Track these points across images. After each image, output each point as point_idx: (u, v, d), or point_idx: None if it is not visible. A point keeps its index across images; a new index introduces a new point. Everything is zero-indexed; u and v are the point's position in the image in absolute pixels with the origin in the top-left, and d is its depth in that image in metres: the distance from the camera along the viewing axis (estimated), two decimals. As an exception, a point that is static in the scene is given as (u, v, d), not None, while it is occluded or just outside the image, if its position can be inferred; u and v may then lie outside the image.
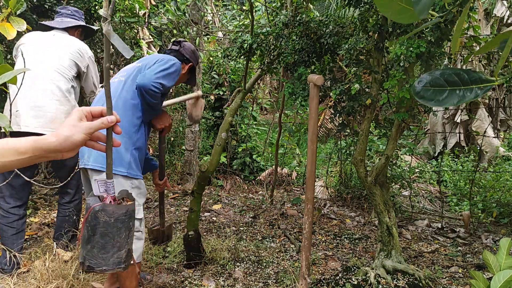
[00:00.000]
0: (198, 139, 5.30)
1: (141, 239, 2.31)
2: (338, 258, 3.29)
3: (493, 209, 4.34)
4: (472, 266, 3.17)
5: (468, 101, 0.84)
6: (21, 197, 2.85)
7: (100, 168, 2.19)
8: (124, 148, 2.22)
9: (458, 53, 3.93)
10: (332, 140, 7.57)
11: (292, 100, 2.86)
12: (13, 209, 2.81)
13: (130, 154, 2.23)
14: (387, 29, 2.45)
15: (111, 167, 1.07)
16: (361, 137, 2.82)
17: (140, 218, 2.28)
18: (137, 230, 2.26)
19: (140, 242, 2.31)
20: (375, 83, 2.70)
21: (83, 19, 3.22)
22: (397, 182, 4.61)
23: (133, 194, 2.20)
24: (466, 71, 0.84)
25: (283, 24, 2.94)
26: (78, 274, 2.68)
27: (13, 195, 2.82)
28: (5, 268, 2.76)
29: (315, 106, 2.33)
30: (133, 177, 2.24)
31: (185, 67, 2.60)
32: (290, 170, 6.02)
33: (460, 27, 0.87)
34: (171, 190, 2.73)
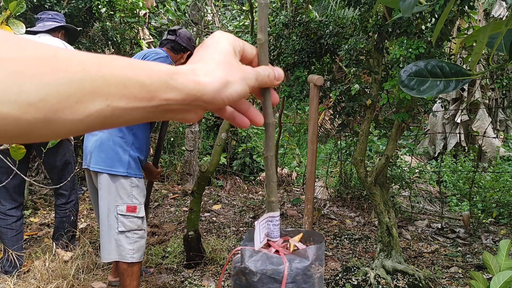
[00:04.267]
0: (198, 139, 5.30)
1: (143, 238, 2.32)
2: (338, 258, 3.29)
3: (493, 209, 4.34)
4: (472, 267, 3.17)
5: (447, 92, 0.86)
6: (16, 198, 2.85)
7: (99, 170, 2.21)
8: (121, 149, 2.23)
9: (458, 53, 3.93)
10: (332, 140, 7.58)
11: (289, 103, 2.86)
12: (11, 210, 2.81)
13: (128, 155, 2.24)
14: (386, 29, 2.45)
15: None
16: (361, 138, 2.83)
17: (142, 217, 2.30)
18: (140, 228, 2.28)
19: (143, 240, 2.32)
20: (375, 84, 2.70)
21: (64, 21, 3.25)
22: (397, 182, 4.61)
23: (133, 193, 2.24)
24: (448, 64, 0.85)
25: (283, 24, 2.95)
26: (78, 274, 2.68)
27: (8, 197, 2.81)
28: (8, 270, 2.76)
29: (315, 106, 2.33)
30: (133, 176, 2.25)
31: (184, 56, 2.58)
32: (290, 170, 6.02)
33: (444, 18, 0.88)
34: (158, 173, 2.70)
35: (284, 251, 0.58)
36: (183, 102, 0.43)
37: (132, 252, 2.24)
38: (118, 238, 2.22)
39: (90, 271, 2.80)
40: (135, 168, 2.26)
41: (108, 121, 0.39)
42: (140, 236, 2.28)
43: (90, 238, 3.31)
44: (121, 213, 2.21)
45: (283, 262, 0.53)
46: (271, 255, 0.55)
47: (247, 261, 0.54)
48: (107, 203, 2.22)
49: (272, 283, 0.53)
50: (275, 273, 0.53)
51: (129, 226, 2.23)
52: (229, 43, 0.49)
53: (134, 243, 2.25)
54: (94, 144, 2.24)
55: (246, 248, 0.55)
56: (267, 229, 0.58)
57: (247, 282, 0.54)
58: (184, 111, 0.45)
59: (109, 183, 2.20)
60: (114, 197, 2.21)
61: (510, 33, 0.88)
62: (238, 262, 0.56)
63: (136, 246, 2.26)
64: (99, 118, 0.38)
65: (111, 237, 2.22)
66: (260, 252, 0.55)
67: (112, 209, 2.21)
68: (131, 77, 0.39)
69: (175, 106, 0.43)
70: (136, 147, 2.28)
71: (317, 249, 0.58)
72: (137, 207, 2.26)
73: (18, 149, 1.27)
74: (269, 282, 0.53)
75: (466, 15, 2.38)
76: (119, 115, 0.39)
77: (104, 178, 2.21)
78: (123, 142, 2.23)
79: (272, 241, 0.58)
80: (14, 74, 0.32)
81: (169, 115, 0.45)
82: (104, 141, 2.21)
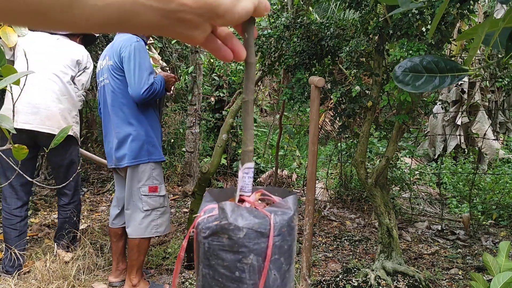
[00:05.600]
0: (198, 140, 5.30)
1: (166, 213, 2.60)
2: (339, 260, 3.30)
3: (493, 211, 4.35)
4: (472, 268, 3.18)
5: (442, 87, 0.86)
6: (21, 197, 2.85)
7: (125, 165, 2.48)
8: (138, 141, 2.46)
9: (459, 55, 3.94)
10: (332, 142, 7.59)
11: (291, 105, 2.88)
12: (15, 210, 2.81)
13: (145, 143, 2.47)
14: (387, 31, 2.46)
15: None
16: (361, 139, 2.83)
17: (163, 195, 2.57)
18: (162, 206, 2.55)
19: (166, 215, 2.59)
20: (376, 85, 2.71)
21: None
22: (397, 184, 4.62)
23: (153, 175, 2.49)
24: (444, 60, 0.86)
25: (284, 26, 2.96)
26: (79, 275, 2.69)
27: (13, 196, 2.82)
28: (9, 269, 2.76)
29: (316, 108, 2.34)
30: (153, 161, 2.50)
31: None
32: (290, 172, 6.03)
33: (440, 14, 0.88)
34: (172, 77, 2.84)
35: (260, 205, 0.54)
36: (198, 11, 0.43)
37: (157, 227, 2.53)
38: (143, 216, 2.48)
39: (90, 272, 2.81)
40: (153, 153, 2.49)
41: (125, 17, 0.39)
42: (162, 213, 2.55)
43: (91, 239, 3.31)
44: (144, 193, 2.48)
45: (267, 215, 0.50)
46: (253, 209, 0.51)
47: (230, 216, 0.48)
48: (131, 187, 2.50)
49: (259, 237, 0.49)
50: (261, 226, 0.49)
51: (153, 205, 2.51)
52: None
53: (158, 219, 2.53)
54: (114, 145, 2.49)
55: (226, 202, 0.50)
56: (242, 182, 0.53)
57: (230, 240, 0.48)
58: (194, 24, 0.45)
59: (133, 171, 2.48)
60: (138, 181, 2.48)
61: (505, 30, 0.89)
62: (210, 222, 0.50)
63: (159, 221, 2.54)
64: (119, 10, 0.38)
65: (137, 216, 2.49)
66: (241, 206, 0.51)
67: (135, 191, 2.49)
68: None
69: (189, 16, 0.43)
70: (150, 134, 2.49)
71: (295, 199, 0.56)
72: (158, 187, 2.53)
73: (20, 149, 1.27)
74: (256, 237, 0.49)
75: (466, 18, 2.39)
76: (137, 11, 0.39)
77: (129, 170, 2.49)
78: (136, 134, 2.45)
79: (245, 195, 0.53)
80: None
81: (180, 27, 0.44)
82: (124, 139, 2.45)
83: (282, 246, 0.51)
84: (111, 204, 2.83)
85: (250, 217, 0.49)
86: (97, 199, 4.80)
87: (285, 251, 0.51)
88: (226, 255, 0.49)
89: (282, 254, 0.51)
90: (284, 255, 0.51)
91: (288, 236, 0.52)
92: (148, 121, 2.49)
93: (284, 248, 0.51)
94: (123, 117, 2.44)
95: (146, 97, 2.35)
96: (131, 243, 2.51)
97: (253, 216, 0.50)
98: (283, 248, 0.51)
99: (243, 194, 0.53)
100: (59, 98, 2.84)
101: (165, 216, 2.58)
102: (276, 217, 0.50)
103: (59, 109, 2.82)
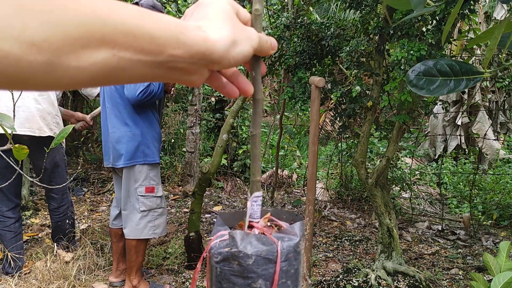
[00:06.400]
0: (198, 140, 5.31)
1: (163, 215, 2.58)
2: (339, 260, 3.29)
3: (493, 211, 4.34)
4: (472, 268, 3.18)
5: (458, 91, 0.86)
6: (13, 199, 2.83)
7: (120, 165, 2.46)
8: (134, 142, 2.45)
9: (459, 55, 3.94)
10: (333, 142, 7.59)
11: (292, 104, 2.88)
12: (8, 212, 2.80)
13: (140, 145, 2.46)
14: (388, 31, 2.46)
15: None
16: (362, 139, 2.83)
17: (160, 196, 2.56)
18: (159, 207, 2.54)
19: (163, 217, 2.57)
20: (376, 85, 2.71)
21: None
22: (397, 184, 4.61)
23: (150, 175, 2.47)
24: (458, 62, 0.85)
25: (285, 26, 2.96)
26: (79, 275, 2.69)
27: (5, 199, 2.80)
28: (8, 271, 2.76)
29: (317, 108, 2.34)
30: (149, 162, 2.50)
31: None
32: (290, 172, 6.03)
33: (452, 18, 0.88)
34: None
35: (268, 230, 0.57)
36: (190, 60, 0.41)
37: (154, 229, 2.51)
38: (140, 217, 2.47)
39: (91, 272, 2.81)
40: (147, 154, 2.48)
41: (112, 74, 0.37)
42: (160, 214, 2.54)
43: (91, 239, 3.31)
44: (141, 194, 2.47)
45: (274, 242, 0.53)
46: (261, 236, 0.54)
47: (240, 244, 0.52)
48: (128, 187, 2.49)
49: (267, 263, 0.52)
50: (269, 253, 0.52)
51: (149, 206, 2.49)
52: (228, 3, 0.47)
53: (155, 220, 2.52)
54: (111, 144, 2.49)
55: (236, 231, 0.53)
56: (251, 210, 0.56)
57: (240, 267, 0.52)
58: (190, 71, 0.43)
59: (129, 172, 2.48)
60: (134, 181, 2.48)
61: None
62: (222, 248, 0.53)
63: (157, 223, 2.52)
64: (104, 68, 0.36)
65: (134, 217, 2.48)
66: (250, 233, 0.54)
67: (132, 191, 2.48)
68: (142, 27, 0.37)
69: (181, 64, 0.41)
70: (146, 136, 2.48)
71: (302, 225, 0.58)
72: (155, 187, 2.52)
73: (21, 149, 1.27)
74: (264, 263, 0.52)
75: (467, 18, 2.39)
76: (124, 67, 0.37)
77: (125, 170, 2.49)
78: (132, 135, 2.44)
79: (254, 222, 0.56)
80: (18, 8, 0.29)
81: (174, 75, 0.42)
82: (119, 139, 2.45)
83: (289, 271, 0.54)
84: (111, 205, 2.83)
85: (259, 245, 0.52)
86: (98, 199, 4.80)
87: (291, 274, 0.54)
88: (236, 279, 0.52)
89: (289, 277, 0.54)
90: (290, 278, 0.54)
91: (294, 261, 0.54)
92: (144, 122, 2.48)
93: (290, 272, 0.54)
94: (120, 117, 2.45)
95: (141, 98, 2.34)
96: (129, 244, 2.51)
97: (261, 244, 0.53)
98: (289, 272, 0.54)
99: (252, 220, 0.56)
100: (36, 99, 2.79)
101: (162, 217, 2.56)
102: (283, 243, 0.53)
103: (38, 109, 2.78)
